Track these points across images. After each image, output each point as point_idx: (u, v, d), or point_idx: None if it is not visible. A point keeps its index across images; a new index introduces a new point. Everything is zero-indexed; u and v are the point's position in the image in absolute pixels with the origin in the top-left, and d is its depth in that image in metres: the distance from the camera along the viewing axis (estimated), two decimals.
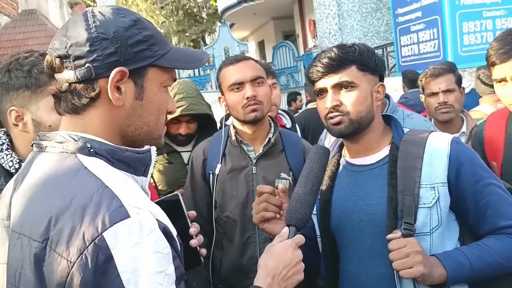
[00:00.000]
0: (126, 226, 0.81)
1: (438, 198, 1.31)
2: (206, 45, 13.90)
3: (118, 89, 0.94)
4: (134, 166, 0.97)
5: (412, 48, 6.56)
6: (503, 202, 1.33)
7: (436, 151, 1.34)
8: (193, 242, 1.18)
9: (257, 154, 1.92)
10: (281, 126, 2.61)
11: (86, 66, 0.91)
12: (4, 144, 1.40)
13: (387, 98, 2.20)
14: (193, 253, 1.17)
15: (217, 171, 1.92)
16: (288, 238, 1.17)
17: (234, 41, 11.47)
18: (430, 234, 1.31)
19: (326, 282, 1.49)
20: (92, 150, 0.92)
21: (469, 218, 1.36)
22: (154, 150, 1.04)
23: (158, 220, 0.86)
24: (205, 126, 2.43)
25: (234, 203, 1.89)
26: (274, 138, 1.93)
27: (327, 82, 1.39)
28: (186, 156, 2.38)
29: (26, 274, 0.86)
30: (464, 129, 2.59)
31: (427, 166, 1.32)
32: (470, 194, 1.32)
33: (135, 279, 0.80)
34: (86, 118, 0.95)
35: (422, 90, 2.70)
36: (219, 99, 2.01)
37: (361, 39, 8.96)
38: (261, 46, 18.75)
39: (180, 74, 9.56)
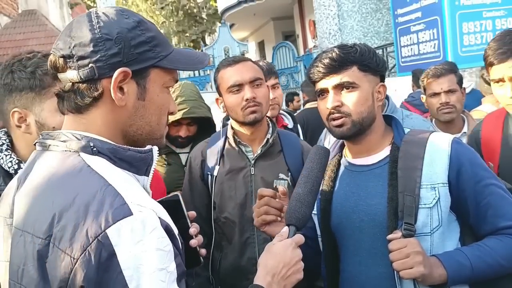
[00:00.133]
0: (129, 224, 0.82)
1: (439, 198, 1.31)
2: (206, 45, 13.89)
3: (120, 89, 0.95)
4: (136, 165, 0.99)
5: (412, 48, 6.56)
6: (504, 202, 1.33)
7: (436, 152, 1.34)
8: (192, 242, 1.18)
9: (255, 155, 1.92)
10: (282, 126, 2.62)
11: (90, 66, 0.92)
12: (4, 144, 1.40)
13: (386, 98, 2.20)
14: (192, 253, 1.18)
15: (215, 173, 1.92)
16: (288, 238, 1.17)
17: (234, 41, 11.46)
18: (430, 234, 1.31)
19: (326, 282, 1.50)
20: (95, 149, 0.93)
21: (469, 218, 1.36)
22: (156, 149, 1.05)
23: (160, 218, 0.87)
24: (204, 128, 2.43)
25: (233, 204, 1.89)
26: (272, 139, 1.92)
27: (328, 82, 1.39)
28: (184, 157, 2.39)
29: (29, 270, 0.87)
30: (465, 129, 2.59)
31: (428, 166, 1.32)
32: (471, 194, 1.32)
33: (138, 276, 0.81)
34: (89, 118, 0.96)
35: (424, 90, 2.70)
36: (217, 101, 1.99)
37: (361, 40, 8.96)
38: (261, 46, 18.75)
39: (180, 75, 9.56)
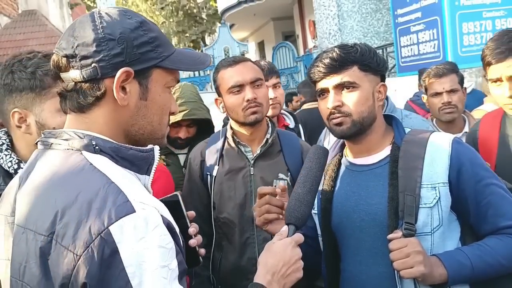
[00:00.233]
0: (132, 221, 0.83)
1: (439, 198, 1.31)
2: (206, 45, 13.87)
3: (123, 89, 0.95)
4: (138, 164, 0.99)
5: (412, 48, 6.56)
6: (504, 202, 1.34)
7: (437, 151, 1.34)
8: (192, 242, 1.19)
9: (254, 155, 1.92)
10: (284, 126, 2.61)
11: (93, 66, 0.93)
12: (4, 144, 1.39)
13: (386, 98, 2.20)
14: (192, 253, 1.18)
15: (214, 173, 1.92)
16: (287, 237, 1.18)
17: (234, 41, 11.45)
18: (431, 234, 1.32)
19: (326, 281, 1.50)
20: (97, 147, 0.94)
21: (470, 218, 1.36)
22: (157, 149, 1.05)
23: (162, 215, 0.88)
24: (203, 130, 2.44)
25: (232, 204, 1.89)
26: (272, 139, 1.92)
27: (329, 82, 1.39)
28: (183, 158, 2.41)
29: (31, 267, 0.88)
30: (466, 129, 2.59)
31: (428, 166, 1.33)
32: (471, 194, 1.32)
33: (140, 273, 0.81)
34: (91, 117, 0.97)
35: (425, 90, 2.70)
36: (216, 101, 1.98)
37: (361, 40, 8.95)
38: (261, 46, 18.74)
39: (180, 75, 9.53)
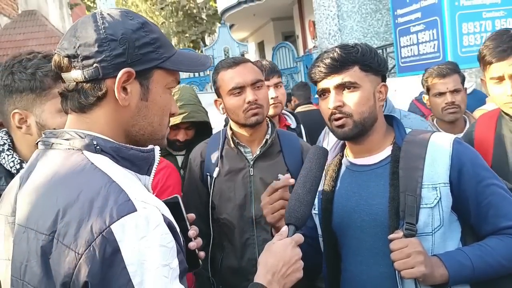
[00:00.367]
0: (133, 220, 0.83)
1: (440, 198, 1.31)
2: (205, 46, 13.86)
3: (124, 89, 0.96)
4: (138, 164, 0.99)
5: (411, 49, 6.56)
6: (505, 202, 1.34)
7: (438, 152, 1.34)
8: (191, 245, 1.18)
9: (254, 155, 1.91)
10: (285, 126, 2.61)
11: (94, 66, 0.93)
12: (5, 144, 1.40)
13: None
14: (191, 255, 1.17)
15: (215, 174, 1.92)
16: (287, 237, 1.18)
17: (234, 42, 11.44)
18: (432, 234, 1.32)
19: (327, 282, 1.50)
20: (98, 147, 0.94)
21: (470, 218, 1.36)
22: (157, 149, 1.06)
23: (163, 214, 0.88)
24: (201, 132, 2.44)
25: (232, 205, 1.89)
26: (271, 139, 1.92)
27: (330, 82, 1.39)
28: (181, 160, 2.43)
29: (32, 266, 0.88)
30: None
31: (429, 166, 1.33)
32: (472, 194, 1.33)
33: (141, 272, 0.82)
34: (92, 117, 0.97)
35: (427, 90, 2.69)
36: (216, 102, 1.98)
37: (360, 40, 8.94)
38: (260, 47, 18.74)
39: (180, 75, 9.53)
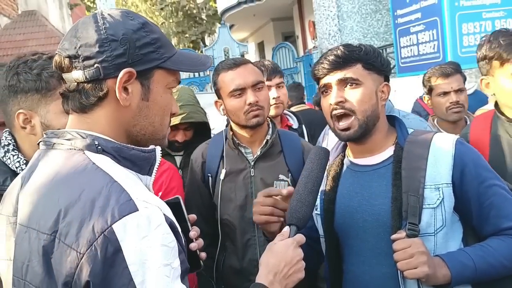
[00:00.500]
0: (135, 219, 0.83)
1: (443, 198, 1.31)
2: (205, 46, 13.87)
3: (125, 89, 0.96)
4: (140, 164, 0.99)
5: (411, 49, 6.56)
6: (507, 203, 1.34)
7: (440, 152, 1.34)
8: (192, 246, 1.18)
9: (255, 156, 1.91)
10: (287, 126, 2.61)
11: (95, 66, 0.93)
12: (10, 144, 1.40)
13: None
14: (192, 256, 1.17)
15: (222, 176, 1.90)
16: (289, 237, 1.18)
17: (234, 42, 11.45)
18: (434, 234, 1.31)
19: (329, 282, 1.50)
20: (99, 147, 0.94)
21: (472, 219, 1.36)
22: (159, 149, 1.06)
23: (165, 214, 0.88)
24: (199, 132, 2.44)
25: (233, 206, 1.89)
26: (272, 140, 1.91)
27: (332, 78, 1.39)
28: (179, 160, 2.43)
29: (33, 266, 0.88)
30: None
31: (432, 166, 1.33)
32: (474, 195, 1.32)
33: (143, 271, 0.82)
34: (93, 117, 0.97)
35: (429, 90, 2.67)
36: (216, 103, 1.97)
37: (360, 40, 8.95)
38: (260, 47, 18.75)
39: (180, 75, 9.53)
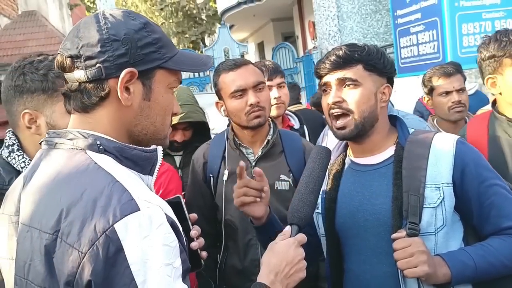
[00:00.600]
0: (136, 219, 0.83)
1: (443, 198, 1.31)
2: (205, 46, 13.88)
3: (127, 89, 0.96)
4: (141, 164, 1.00)
5: (411, 49, 6.56)
6: (507, 203, 1.34)
7: (441, 152, 1.34)
8: (193, 245, 1.18)
9: (256, 156, 1.91)
10: (289, 127, 2.60)
11: (97, 66, 0.93)
12: (14, 144, 1.41)
13: None
14: (193, 256, 1.17)
15: (225, 178, 1.90)
16: (290, 237, 1.18)
17: (233, 42, 11.46)
18: (435, 234, 1.32)
19: (330, 281, 1.50)
20: (101, 147, 0.94)
21: (473, 218, 1.36)
22: (160, 149, 1.06)
23: (166, 214, 0.88)
24: (198, 132, 2.45)
25: (234, 206, 1.84)
26: (273, 140, 1.91)
27: (332, 77, 1.41)
28: (179, 159, 2.44)
29: (35, 265, 0.88)
30: None
31: (432, 166, 1.33)
32: (475, 195, 1.33)
33: (144, 271, 0.82)
34: (95, 117, 0.97)
35: (430, 90, 2.66)
36: (217, 104, 1.97)
37: (360, 41, 8.95)
38: (260, 47, 18.74)
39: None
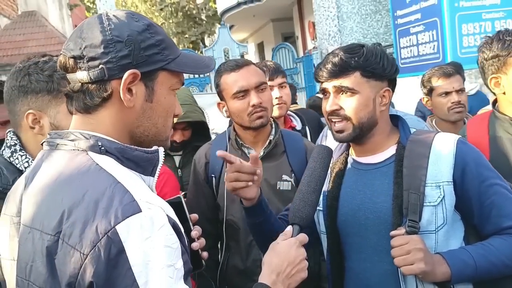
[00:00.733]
0: (138, 220, 0.83)
1: (444, 196, 1.32)
2: (205, 46, 13.87)
3: (129, 90, 0.96)
4: (143, 165, 1.00)
5: (411, 50, 6.56)
6: (508, 202, 1.34)
7: (442, 151, 1.35)
8: (194, 245, 1.18)
9: (258, 156, 1.91)
10: (290, 127, 2.61)
11: (100, 67, 0.93)
12: (16, 145, 1.42)
13: None
14: (194, 256, 1.17)
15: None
16: (291, 237, 1.19)
17: (233, 42, 11.45)
18: (435, 232, 1.32)
19: (330, 279, 1.50)
20: (103, 148, 0.94)
21: (473, 218, 1.37)
22: (161, 150, 1.06)
23: (168, 215, 0.89)
24: (197, 132, 2.45)
25: (236, 207, 1.87)
26: (275, 140, 1.92)
27: (329, 84, 1.41)
28: (178, 159, 2.45)
29: (37, 267, 0.88)
30: None
31: (433, 165, 1.33)
32: (475, 194, 1.33)
33: (146, 272, 0.82)
34: (97, 118, 0.98)
35: (429, 91, 2.66)
36: (219, 105, 1.97)
37: (360, 41, 8.91)
38: (260, 47, 18.74)
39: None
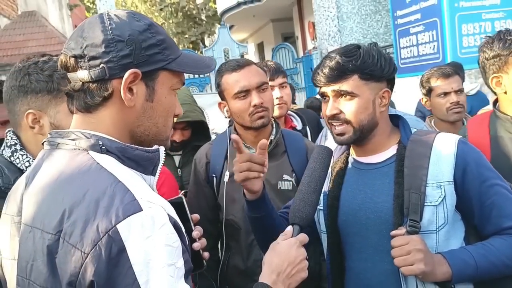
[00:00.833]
0: (139, 219, 0.83)
1: (445, 196, 1.32)
2: (205, 47, 13.90)
3: (130, 90, 0.96)
4: (143, 164, 1.00)
5: (411, 50, 6.58)
6: (508, 203, 1.34)
7: (443, 151, 1.35)
8: (195, 245, 1.18)
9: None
10: (291, 127, 2.61)
11: (101, 66, 0.93)
12: (16, 144, 1.41)
13: None
14: (195, 256, 1.16)
15: (225, 178, 1.89)
16: (292, 237, 1.19)
17: (233, 43, 11.47)
18: (436, 232, 1.33)
19: (331, 279, 1.50)
20: (103, 147, 0.94)
21: (474, 218, 1.37)
22: (162, 150, 1.06)
23: (168, 214, 0.89)
24: (196, 132, 2.46)
25: (237, 207, 1.88)
26: (276, 140, 1.92)
27: (328, 89, 1.40)
28: (178, 159, 2.46)
29: (38, 266, 0.88)
30: None
31: (434, 165, 1.34)
32: (476, 194, 1.33)
33: (147, 271, 0.82)
34: (98, 117, 0.98)
35: (428, 91, 2.68)
36: (220, 105, 1.97)
37: (360, 41, 8.94)
38: (260, 48, 18.75)
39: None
